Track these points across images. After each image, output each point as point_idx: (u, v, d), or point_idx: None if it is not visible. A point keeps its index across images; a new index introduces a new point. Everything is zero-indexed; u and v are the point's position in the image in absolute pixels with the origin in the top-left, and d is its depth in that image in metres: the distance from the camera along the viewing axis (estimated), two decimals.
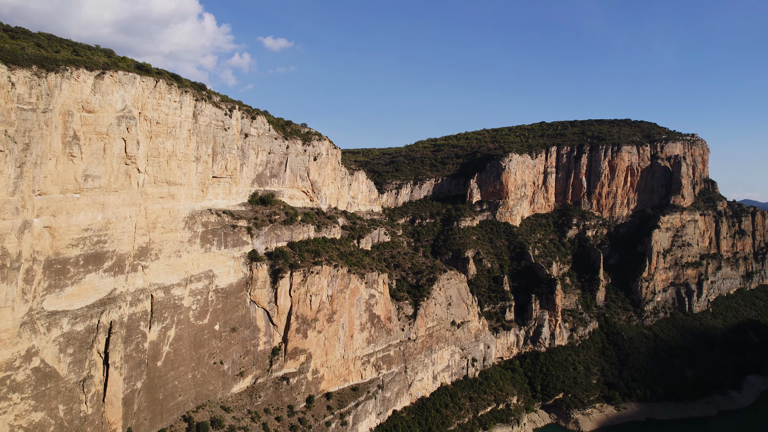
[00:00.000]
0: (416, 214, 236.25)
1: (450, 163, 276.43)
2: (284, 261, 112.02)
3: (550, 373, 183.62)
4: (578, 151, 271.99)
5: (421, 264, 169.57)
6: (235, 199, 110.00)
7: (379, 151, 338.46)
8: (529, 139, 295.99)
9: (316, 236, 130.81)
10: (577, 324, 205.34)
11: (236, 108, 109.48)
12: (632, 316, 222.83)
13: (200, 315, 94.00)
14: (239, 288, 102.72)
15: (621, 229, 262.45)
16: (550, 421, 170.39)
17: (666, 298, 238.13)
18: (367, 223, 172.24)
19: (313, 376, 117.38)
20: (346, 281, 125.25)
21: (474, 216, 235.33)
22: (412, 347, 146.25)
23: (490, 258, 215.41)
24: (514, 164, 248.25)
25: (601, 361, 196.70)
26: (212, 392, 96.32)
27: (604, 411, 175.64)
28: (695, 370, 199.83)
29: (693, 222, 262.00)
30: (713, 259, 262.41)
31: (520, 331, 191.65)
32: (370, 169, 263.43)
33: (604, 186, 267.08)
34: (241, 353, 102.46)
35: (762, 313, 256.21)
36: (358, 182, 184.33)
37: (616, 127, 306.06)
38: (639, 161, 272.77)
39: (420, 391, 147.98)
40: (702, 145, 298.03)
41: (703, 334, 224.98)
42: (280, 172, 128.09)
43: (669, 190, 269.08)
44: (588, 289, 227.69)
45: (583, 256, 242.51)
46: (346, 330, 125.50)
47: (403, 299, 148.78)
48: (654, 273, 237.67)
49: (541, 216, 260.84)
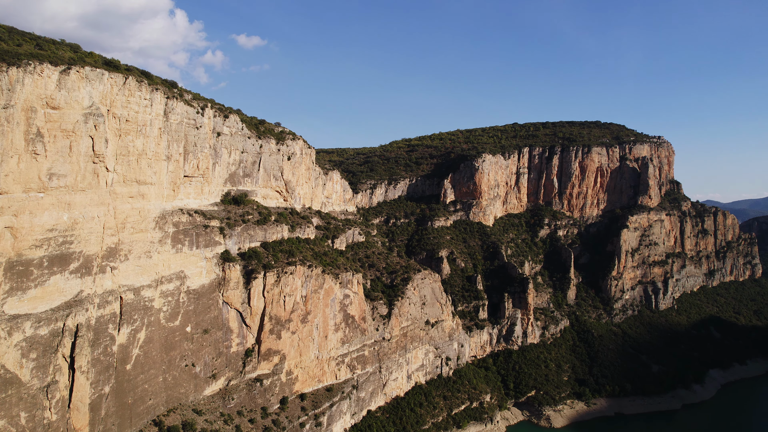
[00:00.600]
0: (391, 214, 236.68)
1: (424, 164, 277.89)
2: (258, 261, 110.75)
3: (523, 371, 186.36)
4: (550, 152, 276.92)
5: (395, 264, 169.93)
6: (207, 199, 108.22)
7: (354, 150, 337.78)
8: (502, 140, 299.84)
9: (290, 236, 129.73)
10: (549, 322, 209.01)
11: (208, 106, 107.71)
12: (602, 314, 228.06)
13: (171, 317, 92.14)
14: (211, 289, 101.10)
15: (591, 229, 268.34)
16: (522, 418, 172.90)
17: (634, 296, 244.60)
18: (342, 223, 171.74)
19: (287, 377, 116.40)
20: (320, 281, 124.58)
21: (448, 216, 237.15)
22: (386, 347, 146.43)
23: (464, 258, 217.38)
24: (487, 165, 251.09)
25: (572, 358, 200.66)
26: (184, 395, 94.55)
27: (574, 407, 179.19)
28: (661, 365, 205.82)
29: (659, 222, 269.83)
30: (678, 258, 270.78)
31: (493, 330, 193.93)
32: (344, 169, 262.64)
33: (575, 186, 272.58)
34: (213, 355, 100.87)
35: (723, 310, 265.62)
36: (333, 182, 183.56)
37: (587, 129, 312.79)
38: (608, 162, 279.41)
39: (394, 390, 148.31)
40: (668, 147, 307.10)
41: (668, 331, 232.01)
42: (253, 172, 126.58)
43: (637, 191, 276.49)
44: (559, 287, 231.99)
45: (554, 255, 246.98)
46: (320, 330, 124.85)
47: (377, 299, 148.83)
48: (623, 272, 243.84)
49: (514, 216, 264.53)
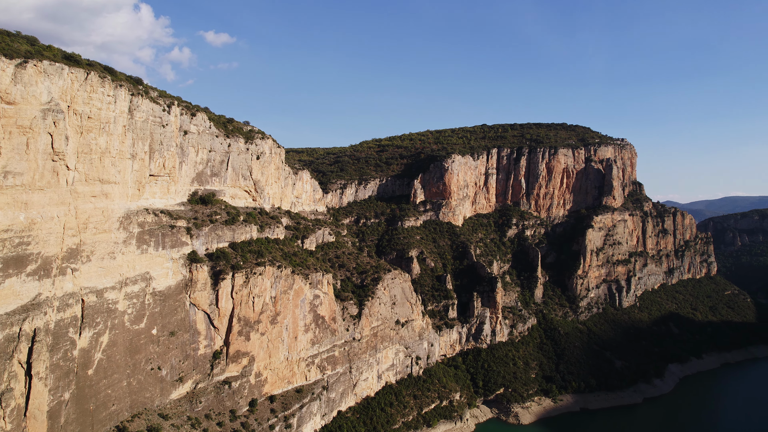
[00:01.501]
0: (361, 214, 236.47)
1: (394, 164, 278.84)
2: (226, 262, 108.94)
3: (492, 369, 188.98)
4: (518, 153, 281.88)
5: (365, 264, 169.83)
6: (173, 199, 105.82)
7: (324, 150, 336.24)
8: (471, 141, 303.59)
9: (259, 236, 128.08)
10: (517, 320, 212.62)
11: (175, 104, 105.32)
12: (568, 311, 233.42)
13: (136, 319, 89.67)
14: (178, 290, 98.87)
15: (557, 229, 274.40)
16: (491, 415, 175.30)
17: (599, 294, 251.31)
18: (312, 223, 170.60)
19: (256, 379, 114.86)
20: (289, 282, 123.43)
21: (418, 216, 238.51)
22: (356, 347, 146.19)
23: (434, 257, 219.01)
24: (456, 165, 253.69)
25: (539, 355, 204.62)
26: (149, 399, 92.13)
27: (542, 404, 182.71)
28: (624, 361, 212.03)
29: (623, 222, 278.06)
30: (640, 257, 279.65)
31: (462, 329, 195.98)
32: (314, 168, 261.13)
33: (542, 187, 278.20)
34: (180, 358, 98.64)
35: (681, 306, 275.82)
36: (303, 182, 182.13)
37: (553, 131, 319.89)
38: (574, 164, 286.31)
39: (365, 390, 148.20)
40: (630, 149, 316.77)
41: (631, 327, 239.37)
42: (221, 171, 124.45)
43: (601, 192, 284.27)
44: (527, 286, 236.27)
45: (522, 254, 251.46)
46: (290, 331, 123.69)
47: (347, 299, 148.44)
48: (588, 270, 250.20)
49: (483, 216, 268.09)
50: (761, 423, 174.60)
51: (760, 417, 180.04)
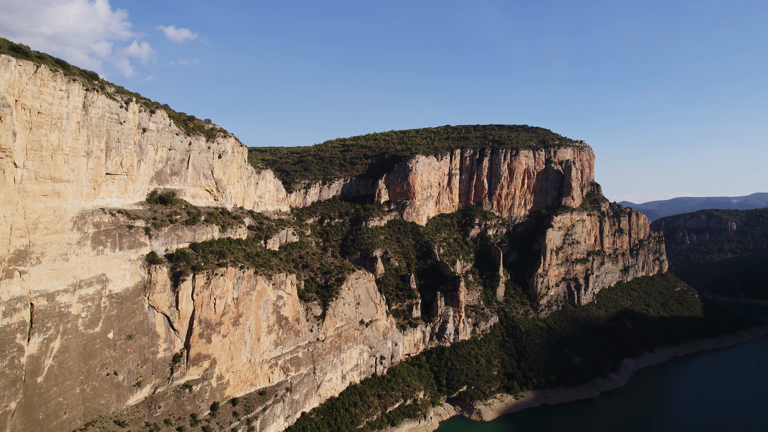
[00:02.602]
0: (325, 214, 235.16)
1: (359, 164, 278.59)
2: (186, 263, 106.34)
3: (455, 367, 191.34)
4: (480, 154, 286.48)
5: (329, 264, 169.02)
6: (131, 198, 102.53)
7: (288, 150, 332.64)
8: (435, 141, 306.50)
9: (221, 237, 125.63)
10: (480, 319, 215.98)
11: (133, 100, 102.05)
12: (529, 309, 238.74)
13: (91, 323, 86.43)
14: (136, 292, 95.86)
15: (519, 228, 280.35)
16: (455, 413, 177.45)
17: (558, 292, 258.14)
18: (275, 223, 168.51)
19: (218, 382, 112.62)
20: (252, 283, 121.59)
21: (382, 216, 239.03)
22: (320, 348, 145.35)
23: (398, 257, 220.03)
24: (420, 166, 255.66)
25: (501, 353, 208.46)
26: (104, 406, 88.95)
27: (503, 400, 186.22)
28: (582, 357, 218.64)
29: (581, 222, 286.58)
30: (598, 256, 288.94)
31: (426, 328, 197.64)
32: (278, 168, 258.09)
33: (504, 188, 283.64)
34: (138, 362, 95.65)
35: (636, 303, 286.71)
36: (266, 181, 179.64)
37: (515, 133, 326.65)
38: (535, 165, 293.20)
39: (329, 391, 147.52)
40: (589, 151, 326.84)
41: (589, 324, 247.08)
42: (181, 170, 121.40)
43: (561, 192, 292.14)
44: (489, 285, 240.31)
45: (484, 254, 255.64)
46: (252, 333, 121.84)
47: (311, 300, 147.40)
48: (548, 269, 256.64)
49: (446, 216, 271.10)
50: (706, 412, 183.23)
51: (706, 406, 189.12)
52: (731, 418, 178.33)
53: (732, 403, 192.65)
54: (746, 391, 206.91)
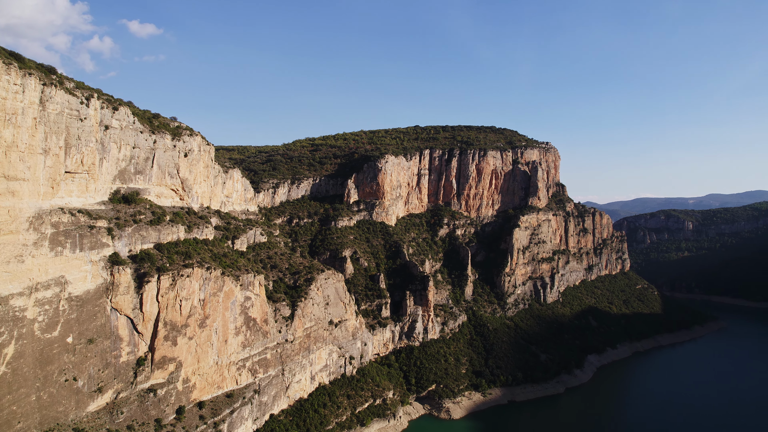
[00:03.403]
0: (294, 214, 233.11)
1: (328, 163, 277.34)
2: (151, 264, 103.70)
3: (424, 366, 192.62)
4: (449, 154, 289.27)
5: (298, 264, 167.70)
6: (93, 197, 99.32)
7: (256, 149, 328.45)
8: (404, 141, 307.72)
9: (187, 237, 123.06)
10: (448, 318, 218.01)
11: (95, 96, 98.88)
12: (496, 308, 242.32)
13: (49, 327, 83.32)
14: (98, 295, 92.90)
15: (487, 228, 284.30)
16: (424, 412, 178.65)
17: (525, 290, 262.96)
18: (243, 223, 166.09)
19: (183, 385, 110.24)
20: (219, 284, 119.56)
21: (351, 216, 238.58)
22: (289, 349, 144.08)
23: (367, 257, 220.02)
24: (390, 166, 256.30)
25: (469, 351, 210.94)
26: (63, 414, 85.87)
27: (472, 398, 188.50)
28: (548, 354, 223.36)
29: (547, 221, 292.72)
30: (563, 255, 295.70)
31: (395, 328, 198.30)
32: (246, 167, 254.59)
33: (472, 188, 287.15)
34: (99, 367, 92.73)
35: (599, 301, 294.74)
36: (233, 181, 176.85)
37: (483, 134, 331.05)
38: (502, 166, 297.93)
39: (298, 392, 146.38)
40: (554, 152, 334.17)
41: (554, 322, 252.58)
42: (146, 169, 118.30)
43: (527, 193, 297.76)
44: (458, 284, 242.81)
45: (453, 253, 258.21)
46: (219, 335, 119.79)
47: (280, 300, 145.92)
48: (515, 268, 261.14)
49: (415, 216, 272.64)
50: (664, 405, 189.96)
51: (664, 399, 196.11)
52: (686, 410, 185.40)
53: (687, 395, 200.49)
54: (701, 383, 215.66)
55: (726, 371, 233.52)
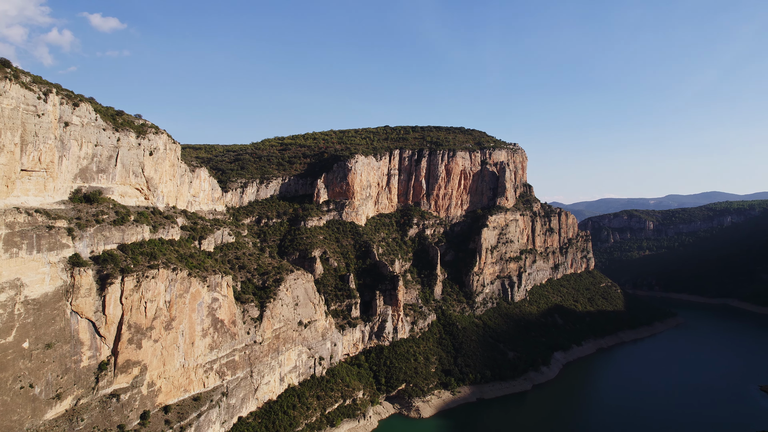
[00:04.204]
0: (262, 214, 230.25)
1: (297, 163, 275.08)
2: (114, 265, 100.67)
3: (394, 366, 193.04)
4: (419, 155, 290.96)
5: (267, 265, 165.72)
6: (52, 197, 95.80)
7: (223, 147, 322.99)
8: (374, 141, 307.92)
9: (152, 237, 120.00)
10: (418, 317, 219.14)
11: (53, 92, 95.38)
12: (465, 307, 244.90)
13: (2, 332, 79.90)
14: (57, 298, 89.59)
15: (456, 228, 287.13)
16: (394, 411, 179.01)
17: (493, 289, 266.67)
18: (210, 223, 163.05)
19: (148, 389, 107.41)
20: (186, 285, 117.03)
21: (321, 216, 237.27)
22: (258, 350, 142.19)
23: (337, 257, 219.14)
24: (360, 166, 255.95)
25: (438, 350, 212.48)
26: (17, 423, 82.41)
27: (441, 396, 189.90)
28: (516, 351, 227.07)
29: (515, 221, 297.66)
30: (530, 254, 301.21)
31: (365, 327, 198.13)
32: (213, 166, 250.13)
33: (441, 188, 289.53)
34: (58, 372, 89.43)
35: (565, 299, 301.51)
36: (200, 180, 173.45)
37: (452, 134, 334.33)
38: (471, 166, 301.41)
39: (267, 394, 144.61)
40: (522, 154, 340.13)
41: (522, 320, 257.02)
42: (109, 167, 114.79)
43: (496, 193, 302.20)
44: (427, 284, 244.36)
45: (422, 253, 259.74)
46: (186, 337, 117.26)
47: (248, 301, 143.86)
48: (483, 267, 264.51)
49: (385, 216, 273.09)
50: (626, 399, 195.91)
51: (626, 393, 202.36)
52: (646, 404, 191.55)
53: (647, 390, 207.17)
54: (659, 376, 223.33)
55: (682, 364, 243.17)
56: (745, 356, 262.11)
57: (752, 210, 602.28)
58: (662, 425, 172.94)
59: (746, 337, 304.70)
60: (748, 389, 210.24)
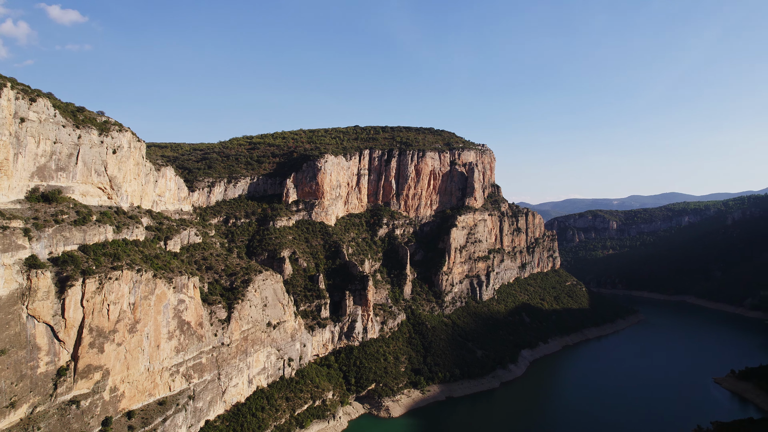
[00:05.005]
0: (230, 214, 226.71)
1: (266, 162, 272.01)
2: (75, 267, 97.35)
3: (364, 366, 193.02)
4: (388, 155, 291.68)
5: (235, 265, 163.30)
6: (6, 196, 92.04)
7: (190, 146, 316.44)
8: (344, 141, 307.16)
9: (116, 238, 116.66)
10: (388, 317, 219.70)
11: (8, 86, 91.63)
12: (434, 306, 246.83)
13: None
14: (12, 301, 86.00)
15: (425, 228, 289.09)
16: (364, 411, 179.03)
17: (462, 288, 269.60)
18: (176, 223, 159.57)
19: (111, 394, 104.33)
20: (151, 287, 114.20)
21: (290, 216, 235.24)
22: (226, 352, 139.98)
23: (306, 257, 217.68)
24: (329, 165, 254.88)
25: (408, 350, 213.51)
26: None
27: (411, 396, 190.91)
28: (484, 350, 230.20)
29: (483, 221, 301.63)
30: (498, 253, 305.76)
31: (335, 328, 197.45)
32: (179, 165, 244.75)
33: (411, 188, 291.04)
34: (13, 379, 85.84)
35: (532, 297, 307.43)
36: (166, 179, 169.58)
37: (422, 135, 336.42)
38: (441, 166, 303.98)
39: (235, 397, 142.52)
40: (490, 154, 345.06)
41: (490, 319, 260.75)
42: (69, 165, 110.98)
43: (464, 193, 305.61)
44: (397, 283, 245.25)
45: (392, 253, 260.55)
46: (151, 340, 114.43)
47: (216, 303, 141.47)
48: (452, 267, 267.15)
49: (355, 216, 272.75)
50: (590, 393, 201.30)
51: (590, 388, 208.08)
52: (609, 398, 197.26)
53: (610, 385, 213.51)
54: (621, 373, 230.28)
55: (642, 359, 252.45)
56: (700, 350, 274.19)
57: (707, 210, 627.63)
58: (623, 418, 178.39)
59: (701, 332, 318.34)
60: (703, 381, 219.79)
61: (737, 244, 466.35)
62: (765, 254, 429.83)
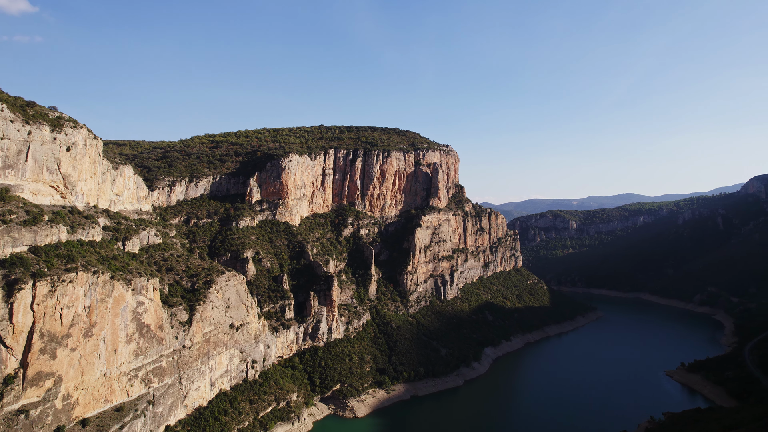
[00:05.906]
0: (192, 214, 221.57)
1: (229, 161, 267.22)
2: (24, 269, 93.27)
3: (329, 366, 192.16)
4: (353, 155, 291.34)
5: (197, 266, 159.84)
6: None
7: (150, 144, 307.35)
8: (308, 141, 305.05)
9: (70, 239, 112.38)
10: (353, 317, 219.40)
11: None
12: (399, 306, 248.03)
13: None
14: None
15: (390, 228, 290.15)
16: (329, 412, 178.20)
17: (426, 288, 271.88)
18: (135, 223, 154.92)
19: (64, 402, 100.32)
20: (108, 289, 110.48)
21: (254, 216, 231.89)
22: (187, 355, 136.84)
23: (270, 258, 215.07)
24: (294, 165, 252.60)
25: (373, 349, 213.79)
26: None
27: (376, 395, 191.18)
28: (448, 348, 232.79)
29: (447, 221, 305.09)
30: (462, 253, 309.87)
31: (299, 329, 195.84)
32: (138, 163, 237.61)
33: (376, 188, 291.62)
34: None
35: (495, 296, 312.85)
36: (124, 178, 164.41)
37: (387, 135, 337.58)
38: (405, 167, 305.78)
39: (197, 400, 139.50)
40: (454, 155, 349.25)
41: (454, 317, 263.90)
42: (18, 163, 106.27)
43: (429, 193, 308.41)
44: (362, 283, 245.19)
45: (357, 253, 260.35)
46: (108, 344, 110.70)
47: (176, 305, 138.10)
48: (417, 266, 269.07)
49: (320, 216, 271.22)
50: (550, 390, 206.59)
51: (550, 384, 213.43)
52: (567, 394, 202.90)
53: (569, 380, 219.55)
54: (580, 368, 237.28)
55: (600, 355, 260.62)
56: (653, 345, 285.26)
57: (661, 210, 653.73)
58: (580, 412, 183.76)
59: (654, 328, 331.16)
60: (656, 374, 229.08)
61: (687, 243, 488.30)
62: (712, 252, 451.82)
